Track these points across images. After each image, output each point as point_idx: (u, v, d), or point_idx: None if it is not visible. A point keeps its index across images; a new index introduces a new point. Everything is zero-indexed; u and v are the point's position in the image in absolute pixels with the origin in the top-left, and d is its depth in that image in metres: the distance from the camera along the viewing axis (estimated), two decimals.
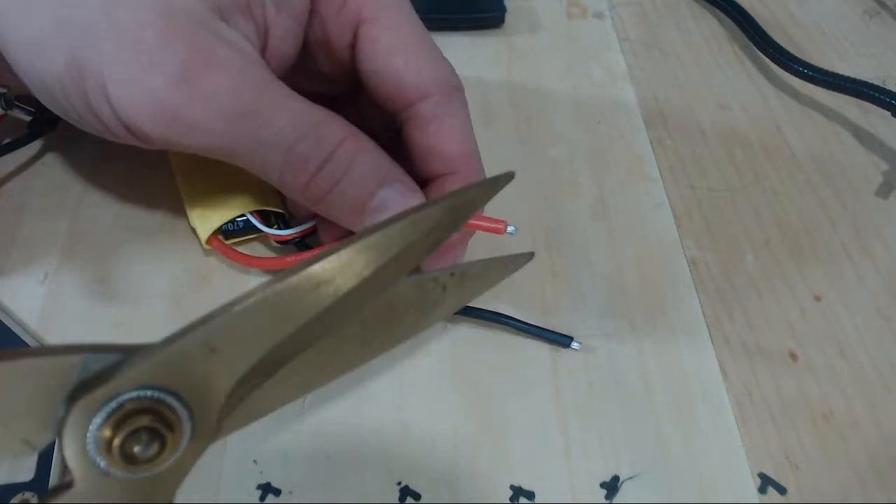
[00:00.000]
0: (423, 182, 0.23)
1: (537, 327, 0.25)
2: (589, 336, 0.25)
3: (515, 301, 0.26)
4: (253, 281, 0.26)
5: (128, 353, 0.14)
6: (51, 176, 0.29)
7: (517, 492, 0.22)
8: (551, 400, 0.24)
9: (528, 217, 0.28)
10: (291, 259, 0.25)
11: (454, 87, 0.23)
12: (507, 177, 0.17)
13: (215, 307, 0.14)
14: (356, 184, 0.21)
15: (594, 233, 0.28)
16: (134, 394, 0.13)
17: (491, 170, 0.23)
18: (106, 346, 0.14)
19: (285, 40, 0.22)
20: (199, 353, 0.14)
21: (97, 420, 0.13)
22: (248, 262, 0.25)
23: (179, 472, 0.14)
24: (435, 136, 0.22)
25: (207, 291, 0.26)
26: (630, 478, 0.22)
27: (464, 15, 0.35)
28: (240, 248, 0.26)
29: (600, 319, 0.26)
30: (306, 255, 0.25)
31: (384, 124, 0.24)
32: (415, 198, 0.22)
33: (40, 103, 0.21)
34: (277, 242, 0.26)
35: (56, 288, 0.25)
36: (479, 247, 0.26)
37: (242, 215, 0.25)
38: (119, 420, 0.13)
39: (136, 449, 0.13)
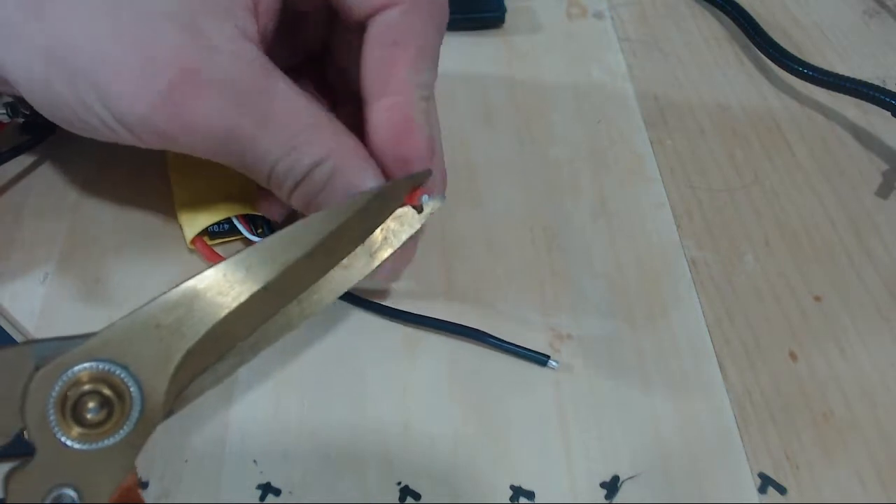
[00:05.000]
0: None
1: (514, 345, 0.24)
2: (589, 336, 0.25)
3: (515, 301, 0.26)
4: None
5: (75, 339, 0.15)
6: (50, 178, 0.29)
7: (517, 492, 0.22)
8: (551, 400, 0.24)
9: (528, 217, 0.28)
10: None
11: None
12: (426, 174, 0.21)
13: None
14: (331, 200, 0.21)
15: (594, 233, 0.28)
16: (85, 364, 0.15)
17: (491, 169, 0.23)
18: (52, 338, 0.15)
19: (268, 13, 0.22)
20: (146, 330, 0.15)
21: (53, 391, 0.15)
22: None
23: (132, 448, 0.15)
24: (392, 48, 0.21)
25: None
26: (630, 478, 0.22)
27: (464, 15, 0.35)
28: (222, 251, 0.26)
29: (600, 319, 0.26)
30: None
31: (353, 92, 0.24)
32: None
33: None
34: None
35: (56, 289, 0.25)
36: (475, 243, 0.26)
37: (229, 218, 0.25)
38: (72, 386, 0.15)
39: (89, 410, 0.15)
